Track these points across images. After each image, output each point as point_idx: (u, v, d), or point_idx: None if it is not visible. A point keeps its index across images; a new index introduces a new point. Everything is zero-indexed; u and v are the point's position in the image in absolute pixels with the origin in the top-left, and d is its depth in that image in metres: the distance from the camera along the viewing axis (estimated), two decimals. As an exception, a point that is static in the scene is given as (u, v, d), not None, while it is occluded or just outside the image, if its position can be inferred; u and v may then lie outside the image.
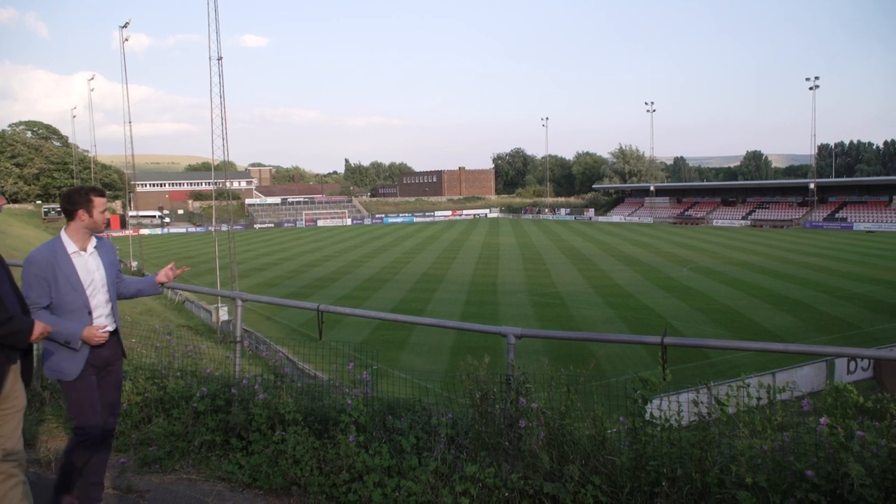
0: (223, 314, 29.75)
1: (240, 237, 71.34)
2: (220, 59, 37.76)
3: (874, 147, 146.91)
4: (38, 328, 3.52)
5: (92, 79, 69.09)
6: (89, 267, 4.06)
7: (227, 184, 48.73)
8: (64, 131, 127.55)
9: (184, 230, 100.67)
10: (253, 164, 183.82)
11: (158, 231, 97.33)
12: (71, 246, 4.00)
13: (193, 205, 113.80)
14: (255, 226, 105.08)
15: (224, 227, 53.08)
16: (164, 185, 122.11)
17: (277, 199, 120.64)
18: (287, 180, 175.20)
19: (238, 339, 5.95)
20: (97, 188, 4.12)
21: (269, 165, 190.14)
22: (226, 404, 5.50)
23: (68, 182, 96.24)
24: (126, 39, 53.31)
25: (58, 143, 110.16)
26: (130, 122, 55.17)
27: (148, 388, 5.83)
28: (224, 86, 38.43)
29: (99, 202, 4.08)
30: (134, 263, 52.21)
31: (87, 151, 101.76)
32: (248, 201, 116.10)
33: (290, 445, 4.80)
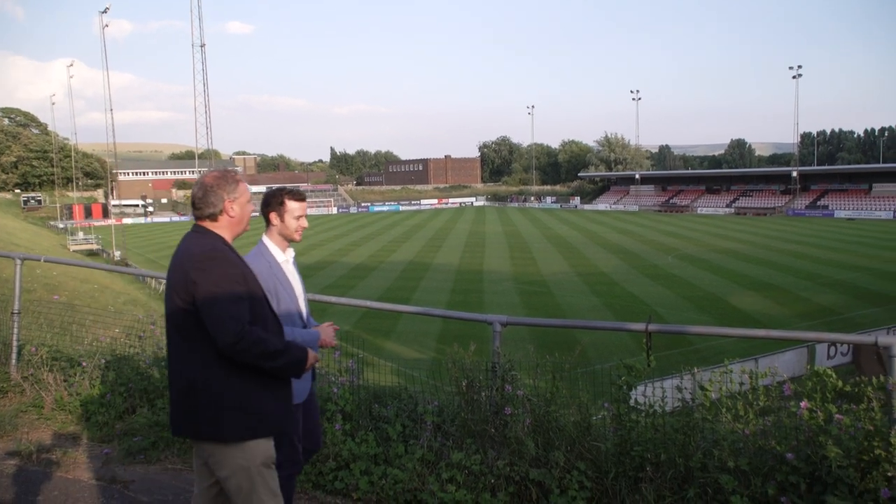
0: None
1: (224, 226, 70.69)
2: (203, 45, 37.39)
3: (855, 135, 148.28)
4: (312, 357, 3.06)
5: (71, 65, 68.23)
6: (295, 277, 3.70)
7: (212, 172, 48.50)
8: (43, 118, 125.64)
9: (168, 219, 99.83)
10: (237, 153, 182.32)
11: (142, 220, 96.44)
12: (279, 253, 3.62)
13: (177, 193, 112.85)
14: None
15: (208, 217, 52.68)
16: (147, 174, 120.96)
17: (262, 188, 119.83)
18: (272, 169, 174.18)
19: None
20: (295, 191, 3.69)
21: (254, 154, 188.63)
22: (211, 393, 5.48)
23: (48, 171, 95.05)
24: (106, 25, 52.67)
25: (37, 131, 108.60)
26: (112, 110, 54.73)
27: (132, 378, 5.80)
28: (207, 73, 38.11)
29: (293, 206, 3.62)
30: (117, 253, 51.78)
31: (68, 139, 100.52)
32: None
33: (277, 434, 4.79)
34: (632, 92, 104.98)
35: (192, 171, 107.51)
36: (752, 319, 25.35)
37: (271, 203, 3.62)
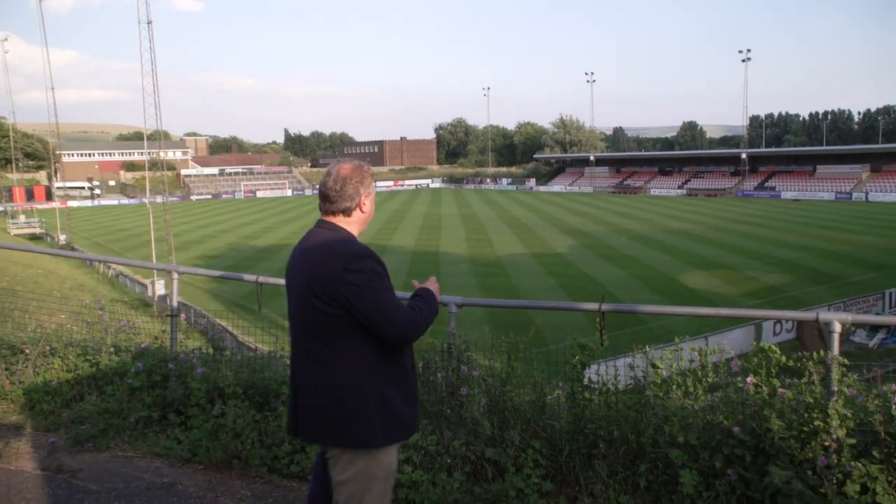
0: (159, 288, 29.01)
1: (176, 209, 69.35)
2: (150, 23, 36.23)
3: (800, 118, 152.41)
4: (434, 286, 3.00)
5: (5, 40, 65.14)
6: None
7: (161, 154, 47.05)
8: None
9: (116, 202, 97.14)
10: (188, 134, 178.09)
11: (88, 203, 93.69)
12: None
13: (125, 176, 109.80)
14: (191, 197, 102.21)
15: (159, 199, 51.43)
16: (94, 155, 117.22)
17: (215, 170, 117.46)
18: (224, 150, 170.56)
19: (175, 312, 5.81)
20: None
21: (206, 135, 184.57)
22: (163, 379, 5.39)
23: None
24: (45, -1, 50.47)
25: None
26: (53, 88, 52.55)
27: (79, 364, 5.65)
28: (155, 52, 36.95)
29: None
30: (62, 237, 50.24)
31: (5, 118, 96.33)
32: (183, 172, 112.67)
33: (231, 419, 4.74)
34: (586, 74, 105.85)
35: (141, 153, 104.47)
36: (703, 298, 25.99)
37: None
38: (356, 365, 2.69)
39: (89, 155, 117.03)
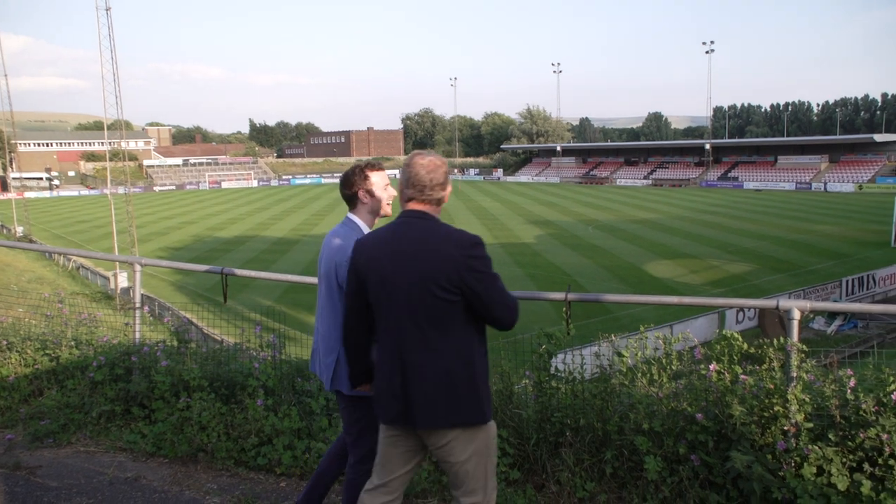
0: (122, 280, 28.46)
1: (138, 200, 68.04)
2: (108, 9, 35.34)
3: (762, 110, 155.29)
4: None
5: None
6: None
7: (123, 144, 46.06)
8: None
9: (76, 193, 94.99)
10: (150, 124, 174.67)
11: (47, 194, 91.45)
12: None
13: (86, 166, 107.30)
14: (154, 188, 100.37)
15: (121, 190, 50.39)
16: (52, 145, 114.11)
17: (178, 160, 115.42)
18: (188, 140, 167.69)
19: (137, 305, 5.71)
20: (374, 163, 3.47)
21: (169, 125, 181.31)
22: (126, 373, 5.30)
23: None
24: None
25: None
26: (6, 75, 50.95)
27: (38, 359, 5.52)
28: (115, 39, 36.08)
29: (379, 178, 3.40)
30: (19, 229, 48.94)
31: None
32: (146, 162, 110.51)
33: (196, 412, 4.69)
34: (553, 64, 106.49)
35: (102, 143, 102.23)
36: (667, 287, 26.38)
37: (356, 182, 3.38)
38: (467, 347, 2.80)
39: (47, 145, 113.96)
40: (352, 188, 3.38)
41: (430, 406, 2.77)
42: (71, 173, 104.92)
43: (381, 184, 3.41)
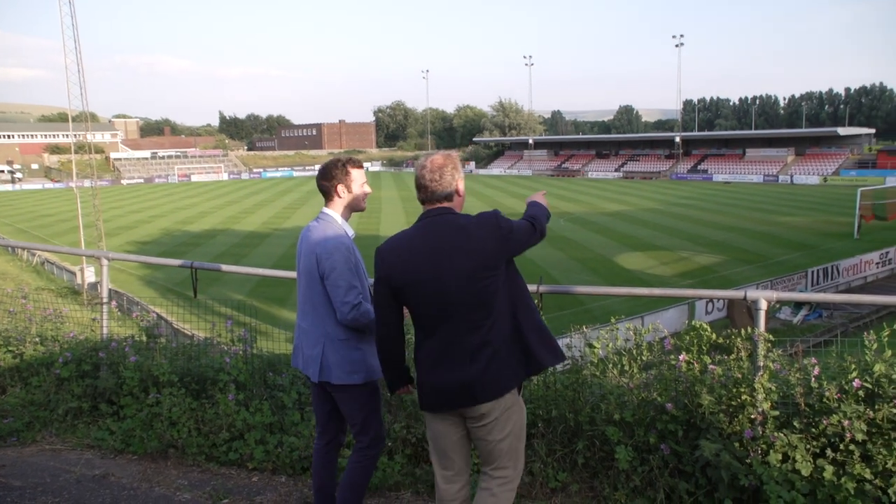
0: (89, 275, 27.96)
1: (106, 193, 66.85)
2: (72, -2, 34.57)
3: (731, 103, 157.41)
4: None
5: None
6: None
7: (89, 136, 45.01)
8: None
9: (40, 186, 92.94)
10: (117, 116, 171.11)
11: (9, 188, 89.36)
12: (349, 228, 3.43)
13: (50, 159, 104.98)
14: (122, 181, 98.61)
15: (87, 183, 49.39)
16: (13, 137, 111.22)
17: (146, 153, 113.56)
18: (157, 133, 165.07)
19: (105, 300, 5.61)
20: (354, 159, 3.48)
21: (136, 117, 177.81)
22: (93, 369, 5.21)
23: None
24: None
25: None
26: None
27: (1, 356, 5.40)
28: (78, 29, 35.30)
29: (358, 174, 3.42)
30: (-17, 223, 47.80)
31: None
32: (113, 155, 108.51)
33: (166, 407, 4.63)
34: (525, 57, 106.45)
35: (66, 135, 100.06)
36: (638, 279, 26.68)
37: (336, 175, 3.38)
38: (504, 321, 2.92)
39: (8, 136, 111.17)
40: (331, 181, 3.38)
41: (490, 385, 2.89)
42: (34, 166, 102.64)
43: (360, 181, 3.43)
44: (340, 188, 3.38)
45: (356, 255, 3.34)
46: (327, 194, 3.40)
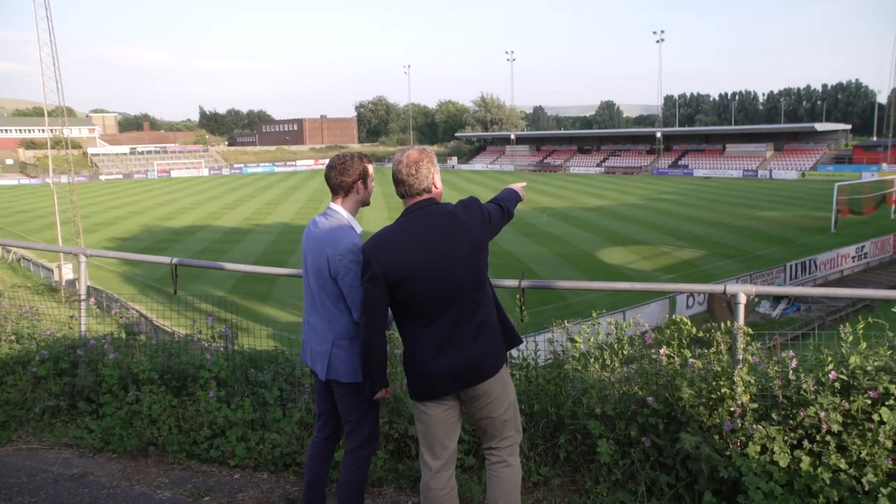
0: (67, 272, 27.62)
1: (83, 189, 66.01)
2: (47, -10, 33.99)
3: (711, 99, 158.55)
4: None
5: None
6: None
7: (66, 131, 44.34)
8: None
9: (15, 182, 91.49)
10: (95, 110, 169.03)
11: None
12: (356, 225, 3.38)
13: (25, 154, 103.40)
14: (100, 177, 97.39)
15: (64, 179, 48.77)
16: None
17: (125, 149, 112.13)
18: (135, 128, 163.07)
19: (83, 297, 5.54)
20: (367, 155, 3.44)
21: (114, 112, 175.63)
22: (71, 367, 5.15)
23: None
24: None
25: None
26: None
27: (-24, 354, 5.32)
28: (53, 20, 34.76)
29: (372, 169, 3.44)
30: (-43, 219, 47.02)
31: None
32: (91, 150, 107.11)
33: (146, 405, 4.59)
34: (507, 53, 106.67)
35: (42, 130, 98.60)
36: (620, 274, 26.83)
37: (356, 171, 3.34)
38: (490, 296, 3.14)
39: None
40: (350, 177, 3.34)
41: (489, 360, 3.04)
42: (9, 161, 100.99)
43: (372, 176, 3.45)
44: (359, 184, 3.36)
45: None
46: (344, 190, 3.34)
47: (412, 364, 3.06)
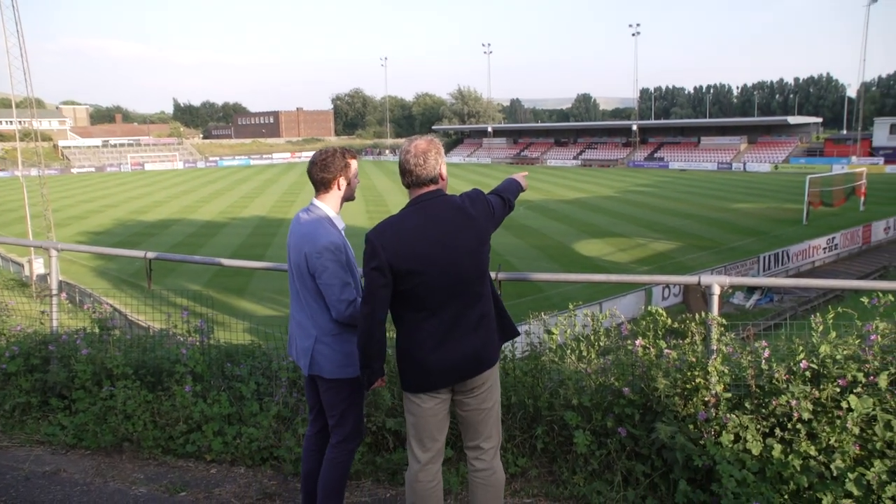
0: (38, 266, 27.15)
1: (55, 183, 64.94)
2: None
3: (686, 92, 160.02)
4: None
5: None
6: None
7: (35, 123, 43.41)
8: None
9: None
10: (66, 102, 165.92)
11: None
12: (339, 221, 3.36)
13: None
14: (72, 170, 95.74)
15: (34, 172, 47.86)
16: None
17: (98, 141, 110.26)
18: (108, 120, 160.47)
19: (54, 291, 5.46)
20: (350, 150, 3.41)
21: (86, 104, 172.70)
22: (42, 363, 5.07)
23: None
24: None
25: None
26: None
27: (-54, 351, 5.21)
28: (20, 10, 34.03)
29: (355, 165, 3.40)
30: (-76, 213, 45.97)
31: None
32: (62, 143, 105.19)
33: (120, 400, 4.54)
34: (483, 45, 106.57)
35: (10, 122, 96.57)
36: (596, 266, 27.02)
37: (338, 167, 3.32)
38: (490, 291, 3.14)
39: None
40: (332, 173, 3.31)
41: (488, 350, 3.07)
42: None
43: (356, 171, 3.43)
44: (342, 180, 3.34)
45: (347, 250, 3.29)
46: (325, 186, 3.33)
47: (408, 356, 3.03)
